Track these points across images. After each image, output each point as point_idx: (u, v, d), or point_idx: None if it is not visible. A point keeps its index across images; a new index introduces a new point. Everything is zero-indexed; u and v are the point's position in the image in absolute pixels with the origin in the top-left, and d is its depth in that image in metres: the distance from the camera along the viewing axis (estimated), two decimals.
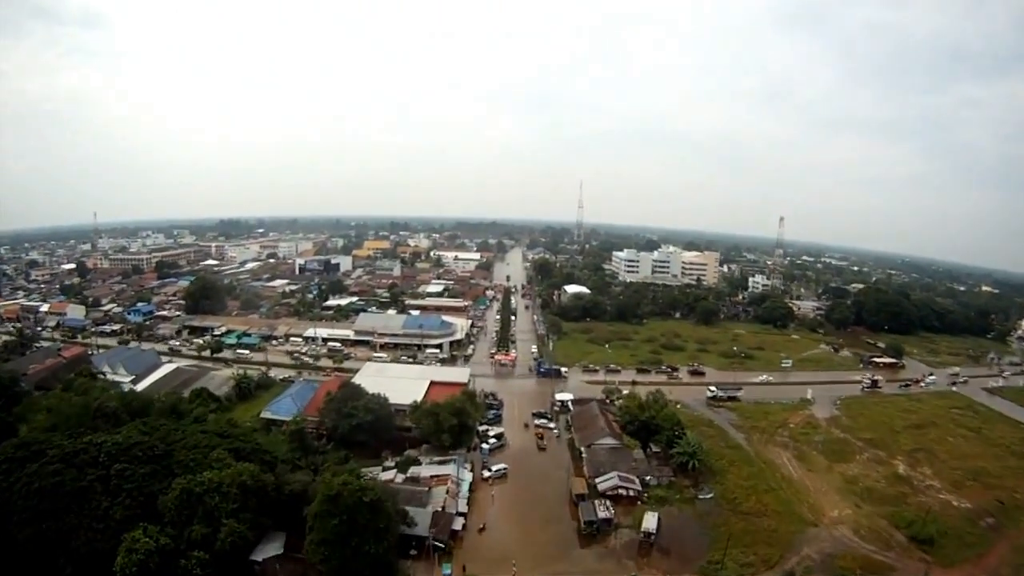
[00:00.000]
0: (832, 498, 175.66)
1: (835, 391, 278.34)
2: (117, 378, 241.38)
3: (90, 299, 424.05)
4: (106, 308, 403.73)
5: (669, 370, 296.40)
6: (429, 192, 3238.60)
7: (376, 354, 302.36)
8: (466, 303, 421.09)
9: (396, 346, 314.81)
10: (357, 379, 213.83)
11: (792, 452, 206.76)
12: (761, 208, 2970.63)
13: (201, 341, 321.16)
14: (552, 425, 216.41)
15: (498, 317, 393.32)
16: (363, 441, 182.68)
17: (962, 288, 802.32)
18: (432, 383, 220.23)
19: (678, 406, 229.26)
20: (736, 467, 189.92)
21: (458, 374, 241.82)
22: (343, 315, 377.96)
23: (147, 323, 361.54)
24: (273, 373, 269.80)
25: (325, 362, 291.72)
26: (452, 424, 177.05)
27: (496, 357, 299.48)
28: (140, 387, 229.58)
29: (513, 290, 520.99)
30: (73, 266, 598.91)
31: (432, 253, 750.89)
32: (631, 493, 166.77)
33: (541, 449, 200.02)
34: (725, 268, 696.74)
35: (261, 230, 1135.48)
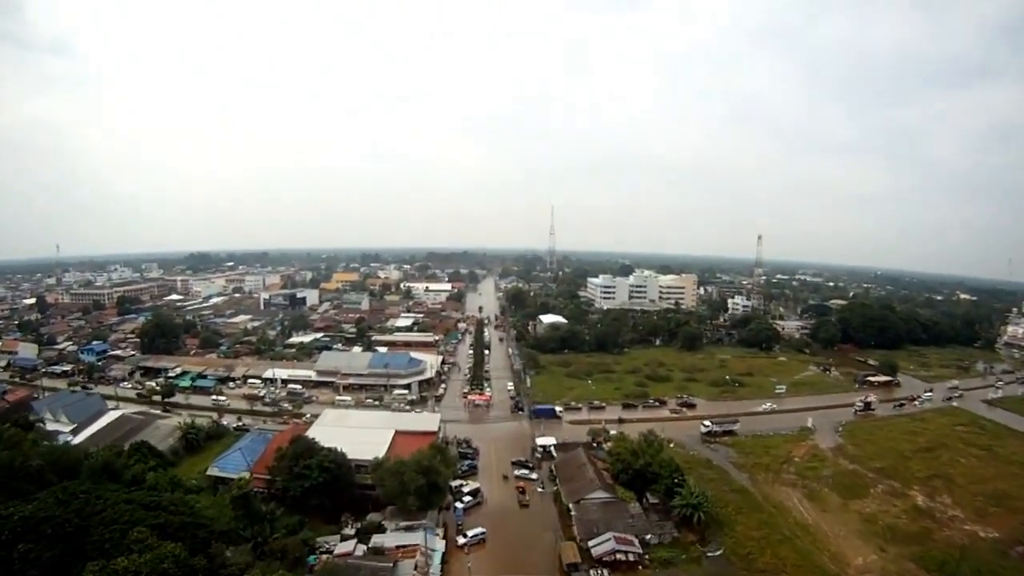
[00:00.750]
0: (853, 543, 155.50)
1: (832, 416, 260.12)
2: (57, 427, 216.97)
3: (45, 336, 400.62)
4: (61, 346, 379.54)
5: (657, 404, 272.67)
6: (401, 224, 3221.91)
7: (339, 397, 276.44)
8: (437, 337, 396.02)
9: (362, 387, 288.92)
10: (314, 429, 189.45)
11: (802, 491, 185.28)
12: (733, 229, 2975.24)
13: (154, 384, 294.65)
14: (534, 476, 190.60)
15: (471, 352, 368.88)
16: (319, 503, 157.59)
17: (939, 298, 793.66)
18: (397, 433, 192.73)
19: (671, 445, 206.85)
20: (744, 515, 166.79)
21: (427, 421, 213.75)
22: (306, 353, 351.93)
23: (100, 363, 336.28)
24: (227, 420, 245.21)
25: (284, 407, 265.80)
26: (419, 485, 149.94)
27: (469, 397, 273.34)
28: (79, 438, 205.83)
29: (486, 322, 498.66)
30: (33, 301, 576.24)
31: (402, 285, 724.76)
32: (631, 557, 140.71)
33: (523, 506, 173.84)
34: (702, 290, 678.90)
35: (231, 263, 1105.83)
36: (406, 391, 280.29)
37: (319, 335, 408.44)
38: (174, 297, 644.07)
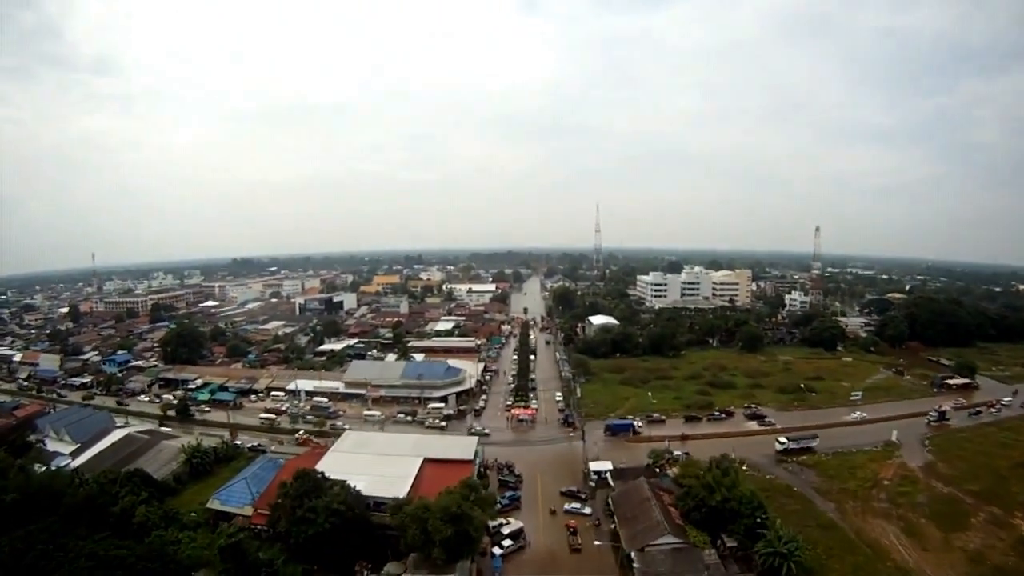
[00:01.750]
0: None
1: (912, 426, 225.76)
2: (58, 447, 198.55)
3: (71, 347, 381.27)
4: (86, 356, 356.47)
5: (723, 416, 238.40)
6: (444, 225, 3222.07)
7: (368, 411, 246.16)
8: (478, 342, 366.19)
9: (394, 399, 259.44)
10: (329, 457, 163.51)
11: (897, 524, 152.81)
12: (778, 222, 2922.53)
13: (171, 397, 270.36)
14: (587, 510, 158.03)
15: (515, 357, 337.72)
16: (329, 550, 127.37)
17: (998, 289, 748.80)
18: (426, 462, 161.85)
19: (744, 467, 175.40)
20: (837, 559, 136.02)
21: (461, 447, 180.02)
22: (337, 362, 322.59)
23: (120, 375, 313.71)
24: (243, 439, 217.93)
25: (307, 423, 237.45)
26: (446, 536, 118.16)
27: (513, 411, 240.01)
28: (79, 460, 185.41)
29: (532, 323, 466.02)
30: (67, 310, 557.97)
31: (444, 286, 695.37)
32: None
33: (574, 550, 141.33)
34: (755, 286, 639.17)
35: (273, 268, 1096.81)
36: (442, 404, 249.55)
37: (353, 341, 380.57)
38: (210, 303, 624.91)
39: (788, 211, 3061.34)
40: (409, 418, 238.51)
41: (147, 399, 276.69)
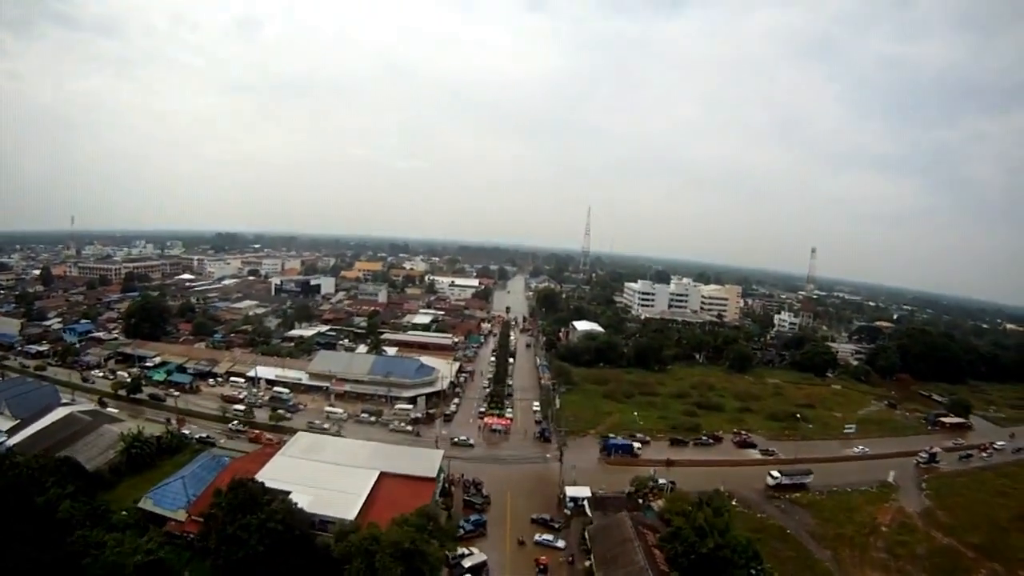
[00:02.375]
0: None
1: (905, 465, 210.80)
2: None
3: (35, 311, 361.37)
4: (48, 323, 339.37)
5: (711, 441, 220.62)
6: (433, 216, 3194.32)
7: (329, 407, 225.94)
8: (456, 339, 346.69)
9: (360, 396, 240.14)
10: (275, 462, 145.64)
11: None
12: (767, 240, 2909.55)
13: (125, 374, 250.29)
14: (561, 543, 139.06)
15: (493, 359, 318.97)
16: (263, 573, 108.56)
17: (985, 326, 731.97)
18: (383, 476, 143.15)
19: (733, 502, 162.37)
20: None
21: (425, 461, 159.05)
22: (305, 349, 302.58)
23: (79, 345, 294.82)
24: (193, 428, 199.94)
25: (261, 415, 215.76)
26: (395, 575, 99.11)
27: (486, 420, 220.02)
28: (16, 439, 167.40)
29: (513, 324, 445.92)
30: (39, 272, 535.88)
31: (427, 278, 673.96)
32: None
33: None
34: (742, 303, 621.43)
35: (257, 245, 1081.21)
36: (410, 406, 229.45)
37: (325, 328, 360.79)
38: (185, 276, 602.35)
39: (778, 230, 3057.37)
40: (373, 418, 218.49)
41: (101, 374, 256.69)
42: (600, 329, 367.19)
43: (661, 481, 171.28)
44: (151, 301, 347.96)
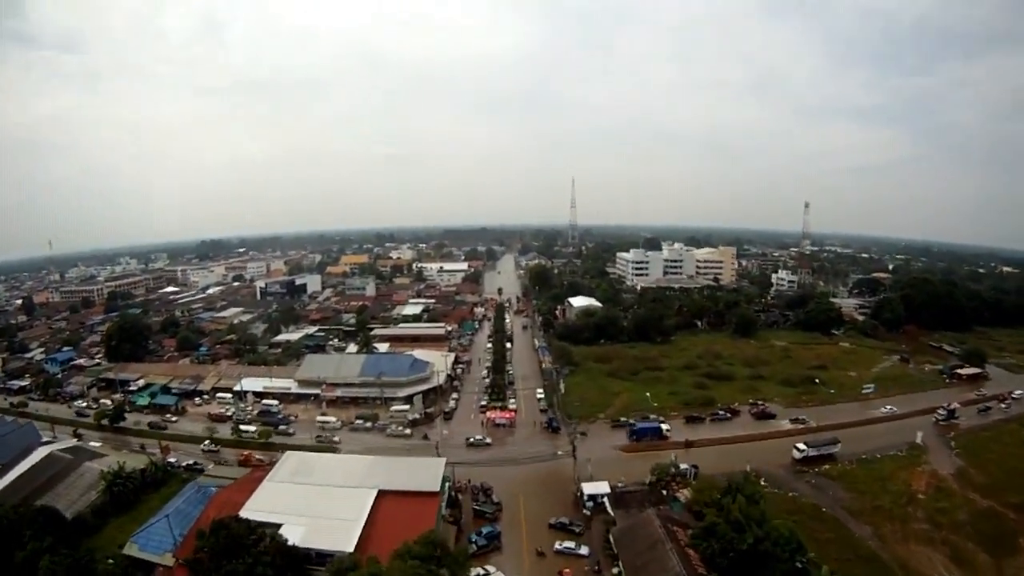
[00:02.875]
0: None
1: (928, 423, 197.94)
2: None
3: (17, 343, 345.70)
4: (30, 355, 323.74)
5: (727, 415, 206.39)
6: (416, 202, 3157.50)
7: (321, 416, 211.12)
8: (449, 328, 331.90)
9: (353, 400, 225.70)
10: (263, 491, 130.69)
11: (943, 551, 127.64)
12: (754, 199, 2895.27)
13: (108, 401, 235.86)
14: (584, 550, 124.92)
15: (489, 345, 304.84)
16: None
17: (982, 271, 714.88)
18: (381, 495, 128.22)
19: (762, 482, 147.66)
20: None
21: (426, 472, 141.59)
22: (292, 354, 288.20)
23: (61, 375, 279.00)
24: (180, 454, 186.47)
25: (252, 431, 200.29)
26: None
27: (488, 415, 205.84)
28: None
29: (507, 305, 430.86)
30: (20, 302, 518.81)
31: (414, 266, 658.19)
32: None
33: None
34: (737, 264, 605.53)
35: (242, 249, 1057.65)
36: (406, 407, 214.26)
37: (313, 330, 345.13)
38: (169, 290, 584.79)
39: (764, 188, 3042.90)
40: (368, 424, 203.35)
41: (84, 404, 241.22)
42: (597, 304, 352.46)
43: (683, 466, 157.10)
44: (129, 320, 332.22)
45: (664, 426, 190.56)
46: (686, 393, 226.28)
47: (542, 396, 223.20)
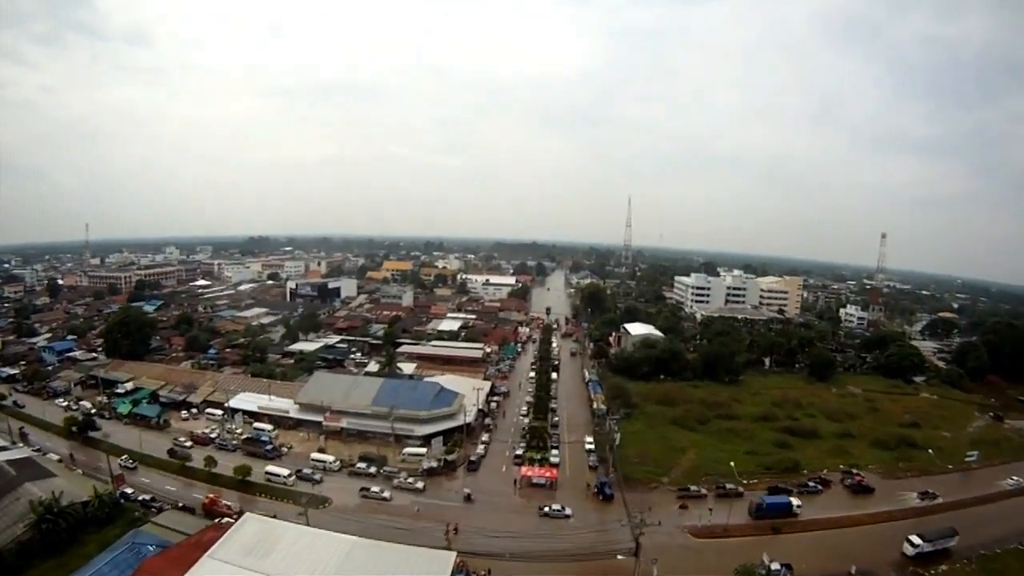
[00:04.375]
0: None
1: None
2: None
3: (26, 327, 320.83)
4: (35, 340, 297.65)
5: (818, 486, 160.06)
6: (469, 212, 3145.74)
7: (316, 454, 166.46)
8: (488, 349, 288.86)
9: (361, 434, 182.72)
10: (200, 571, 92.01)
11: None
12: (809, 229, 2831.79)
13: (88, 403, 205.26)
14: None
15: (533, 375, 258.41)
16: None
17: None
18: None
19: None
20: None
21: (424, 569, 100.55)
22: (305, 367, 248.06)
23: (52, 367, 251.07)
24: (148, 480, 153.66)
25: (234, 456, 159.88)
26: None
27: (524, 471, 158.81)
28: None
29: (554, 327, 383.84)
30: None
31: (458, 276, 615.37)
32: None
33: None
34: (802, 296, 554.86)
35: (288, 248, 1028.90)
36: (422, 451, 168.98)
37: (335, 340, 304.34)
38: (201, 283, 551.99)
39: (819, 219, 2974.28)
40: (373, 469, 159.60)
41: (65, 403, 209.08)
42: (657, 333, 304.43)
43: (775, 566, 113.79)
44: (132, 314, 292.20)
45: (795, 501, 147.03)
46: (765, 452, 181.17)
47: (592, 446, 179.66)
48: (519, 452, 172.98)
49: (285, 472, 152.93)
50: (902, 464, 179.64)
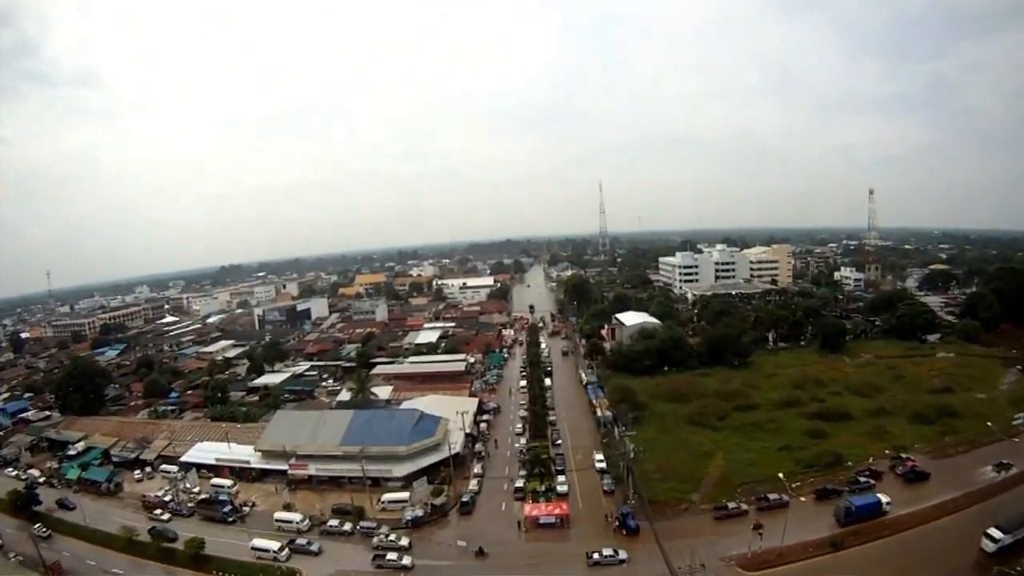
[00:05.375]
0: None
1: None
2: None
3: None
4: None
5: (869, 480, 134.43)
6: (440, 219, 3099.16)
7: (282, 513, 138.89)
8: (471, 359, 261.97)
9: (334, 480, 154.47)
10: None
11: None
12: (781, 198, 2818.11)
13: (36, 471, 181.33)
14: None
15: (523, 384, 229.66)
16: None
17: None
18: None
19: None
20: None
21: None
22: (272, 403, 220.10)
23: (8, 429, 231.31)
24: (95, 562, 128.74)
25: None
26: None
27: (528, 510, 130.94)
28: None
29: (540, 325, 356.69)
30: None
31: (434, 282, 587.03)
32: None
33: None
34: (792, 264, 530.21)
35: (261, 273, 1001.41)
36: (403, 496, 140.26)
37: (304, 367, 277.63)
38: (168, 320, 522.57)
39: (790, 186, 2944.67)
40: (348, 527, 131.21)
41: (14, 472, 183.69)
42: (653, 320, 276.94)
43: None
44: (80, 365, 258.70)
45: (884, 498, 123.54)
46: (800, 446, 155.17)
47: (603, 464, 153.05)
48: (519, 484, 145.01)
49: (274, 546, 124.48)
50: (948, 438, 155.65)
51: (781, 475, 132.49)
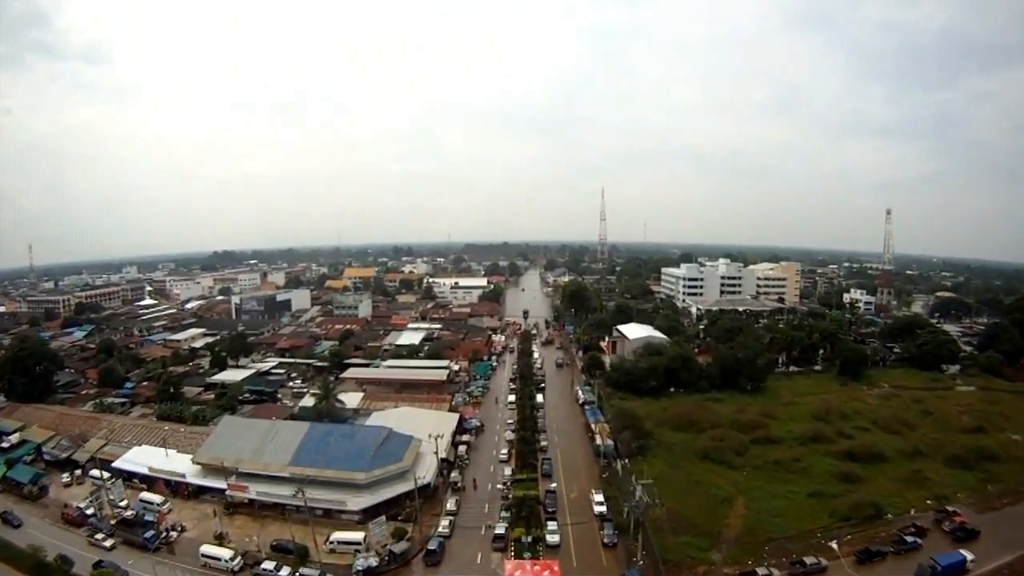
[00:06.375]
0: None
1: None
2: None
3: None
4: None
5: (914, 538, 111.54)
6: (438, 218, 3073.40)
7: (210, 546, 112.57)
8: (455, 366, 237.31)
9: (278, 507, 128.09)
10: None
11: None
12: (779, 218, 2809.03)
13: None
14: None
15: (512, 399, 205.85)
16: None
17: None
18: None
19: None
20: None
21: None
22: (226, 405, 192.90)
23: None
24: None
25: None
26: None
27: (510, 570, 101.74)
28: None
29: (533, 332, 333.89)
30: None
31: (425, 280, 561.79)
32: None
33: None
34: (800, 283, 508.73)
35: (253, 261, 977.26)
36: (357, 537, 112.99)
37: (272, 363, 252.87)
38: (146, 303, 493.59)
39: (789, 206, 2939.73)
40: (285, 572, 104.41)
41: None
42: (659, 335, 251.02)
43: None
44: (29, 346, 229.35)
45: (968, 555, 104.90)
46: (833, 493, 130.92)
47: (602, 505, 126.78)
48: (500, 530, 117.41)
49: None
50: (991, 487, 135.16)
51: (820, 535, 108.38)
